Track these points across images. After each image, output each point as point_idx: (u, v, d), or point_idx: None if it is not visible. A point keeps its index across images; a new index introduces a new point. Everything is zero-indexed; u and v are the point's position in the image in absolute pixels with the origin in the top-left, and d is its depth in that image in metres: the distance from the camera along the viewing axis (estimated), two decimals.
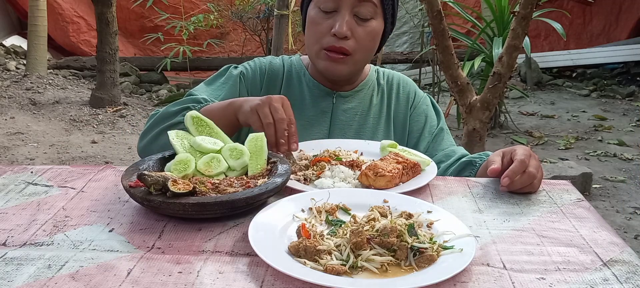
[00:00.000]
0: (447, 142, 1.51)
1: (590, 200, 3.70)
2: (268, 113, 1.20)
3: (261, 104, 1.21)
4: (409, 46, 7.89)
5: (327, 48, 1.40)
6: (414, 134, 1.53)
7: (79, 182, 1.13)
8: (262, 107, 1.20)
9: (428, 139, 1.51)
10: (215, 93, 1.44)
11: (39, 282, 0.77)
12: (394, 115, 1.54)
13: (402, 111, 1.55)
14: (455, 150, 1.47)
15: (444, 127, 1.54)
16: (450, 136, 1.55)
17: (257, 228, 0.89)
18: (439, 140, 1.50)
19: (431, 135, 1.51)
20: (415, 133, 1.53)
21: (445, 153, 1.46)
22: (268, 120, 1.19)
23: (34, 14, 5.93)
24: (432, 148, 1.49)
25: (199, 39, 7.12)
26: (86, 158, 4.28)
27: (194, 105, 1.32)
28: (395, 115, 1.54)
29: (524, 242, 0.92)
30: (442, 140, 1.51)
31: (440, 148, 1.48)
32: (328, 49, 1.40)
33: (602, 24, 8.03)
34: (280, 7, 4.12)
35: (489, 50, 4.63)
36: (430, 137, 1.51)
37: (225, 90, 1.45)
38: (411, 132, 1.53)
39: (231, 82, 1.47)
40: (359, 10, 1.38)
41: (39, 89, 5.70)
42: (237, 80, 1.47)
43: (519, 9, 2.47)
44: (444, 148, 1.48)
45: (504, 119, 5.52)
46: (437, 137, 1.51)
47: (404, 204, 1.01)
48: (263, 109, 1.20)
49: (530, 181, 1.11)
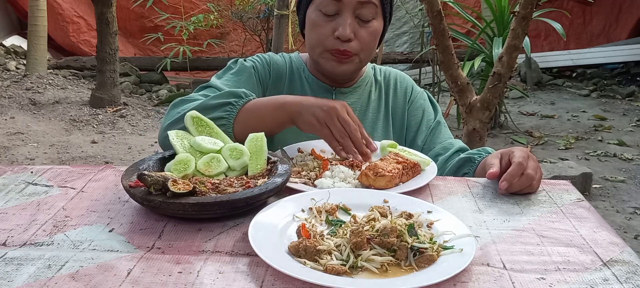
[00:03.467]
0: (444, 135, 1.53)
1: (590, 200, 3.70)
2: (340, 127, 1.20)
3: (329, 117, 1.20)
4: (409, 46, 7.89)
5: (330, 50, 1.40)
6: (412, 127, 1.54)
7: (79, 182, 1.13)
8: (332, 121, 1.19)
9: (425, 132, 1.52)
10: (236, 85, 1.41)
11: (39, 282, 0.77)
12: (392, 110, 1.56)
13: (400, 106, 1.56)
14: (453, 143, 1.48)
15: (441, 120, 1.55)
16: (448, 129, 1.56)
17: (257, 228, 0.89)
18: (436, 134, 1.52)
19: (428, 128, 1.53)
20: (413, 127, 1.54)
21: (443, 146, 1.47)
22: (343, 134, 1.19)
23: (34, 14, 5.93)
24: (429, 141, 1.51)
25: (199, 39, 7.12)
26: (86, 158, 4.28)
27: (237, 100, 1.27)
28: (393, 110, 1.56)
29: (524, 242, 0.92)
30: (440, 134, 1.52)
31: (438, 141, 1.50)
32: (332, 52, 1.40)
33: (602, 24, 8.03)
34: (280, 7, 4.12)
35: (489, 50, 4.63)
36: (428, 131, 1.52)
37: (244, 82, 1.43)
38: (409, 126, 1.55)
39: (247, 74, 1.46)
40: (361, 12, 1.39)
41: (39, 89, 5.70)
42: (252, 73, 1.47)
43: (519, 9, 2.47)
44: (441, 141, 1.50)
45: (504, 119, 5.52)
46: (435, 130, 1.53)
47: (404, 204, 1.01)
48: (334, 123, 1.19)
49: (529, 183, 1.11)
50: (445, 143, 1.48)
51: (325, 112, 1.20)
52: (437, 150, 1.46)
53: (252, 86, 1.44)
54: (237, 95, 1.28)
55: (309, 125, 1.22)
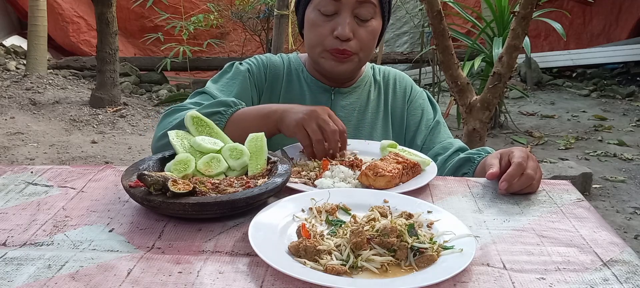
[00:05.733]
0: (444, 134, 1.53)
1: (590, 200, 3.70)
2: (316, 129, 1.21)
3: (307, 119, 1.22)
4: (409, 46, 7.89)
5: (330, 50, 1.41)
6: (411, 127, 1.54)
7: (79, 182, 1.13)
8: (310, 123, 1.21)
9: (425, 132, 1.52)
10: (228, 90, 1.44)
11: (39, 282, 0.77)
12: (391, 109, 1.56)
13: (399, 106, 1.56)
14: (453, 142, 1.48)
15: (440, 120, 1.55)
16: (447, 129, 1.56)
17: (257, 228, 0.89)
18: (435, 133, 1.52)
19: (428, 128, 1.53)
20: (412, 126, 1.54)
21: (442, 146, 1.47)
22: (317, 136, 1.21)
23: (34, 14, 5.93)
24: (429, 141, 1.51)
25: (199, 39, 7.12)
26: (86, 158, 4.28)
27: (226, 109, 1.31)
28: (392, 110, 1.56)
29: (524, 242, 0.92)
30: (439, 133, 1.52)
31: (437, 141, 1.50)
32: (331, 51, 1.41)
33: (602, 24, 8.03)
34: (280, 7, 4.12)
35: (489, 50, 4.63)
36: (427, 130, 1.52)
37: (237, 86, 1.45)
38: (408, 126, 1.55)
39: (241, 77, 1.47)
40: (360, 11, 1.39)
41: (39, 89, 5.70)
42: (247, 77, 1.48)
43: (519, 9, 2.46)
44: (440, 141, 1.50)
45: (504, 119, 5.52)
46: (434, 130, 1.53)
47: (404, 204, 1.01)
48: (311, 125, 1.21)
49: (529, 183, 1.11)
50: (445, 143, 1.49)
51: (306, 114, 1.22)
52: (437, 150, 1.46)
53: (246, 90, 1.45)
54: (226, 104, 1.32)
55: (290, 128, 1.24)
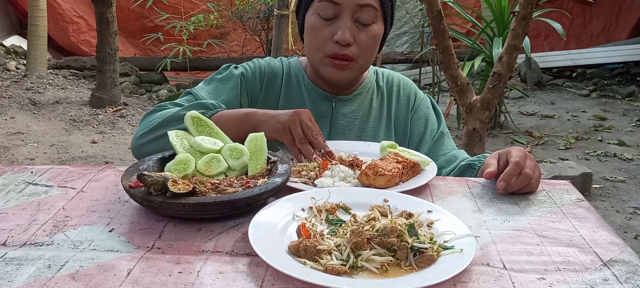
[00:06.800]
0: (448, 146, 1.50)
1: (590, 200, 3.70)
2: (300, 132, 1.23)
3: (292, 122, 1.23)
4: (409, 46, 7.89)
5: (330, 55, 1.38)
6: (415, 138, 1.52)
7: (79, 182, 1.13)
8: (295, 126, 1.23)
9: (429, 143, 1.50)
10: (216, 93, 1.43)
11: (39, 282, 0.77)
12: (394, 117, 1.53)
13: (402, 114, 1.53)
14: (457, 155, 1.46)
15: (444, 130, 1.53)
16: (451, 139, 1.54)
17: (257, 228, 0.89)
18: (439, 145, 1.50)
19: (432, 139, 1.50)
20: (416, 137, 1.52)
21: (446, 159, 1.45)
22: (303, 139, 1.22)
23: (34, 14, 5.93)
24: (433, 152, 1.48)
25: (199, 39, 7.12)
26: (86, 158, 4.28)
27: (204, 111, 1.29)
28: (396, 118, 1.53)
29: (524, 242, 0.92)
30: (443, 145, 1.50)
31: (441, 153, 1.48)
32: (331, 56, 1.38)
33: (602, 24, 8.03)
34: (280, 7, 4.12)
35: (489, 50, 4.63)
36: (431, 142, 1.50)
37: (226, 91, 1.43)
38: (412, 136, 1.52)
39: (232, 82, 1.45)
40: (360, 15, 1.36)
41: (39, 89, 5.70)
42: (238, 82, 1.45)
43: (519, 9, 2.47)
44: (445, 153, 1.48)
45: (504, 119, 5.52)
46: (438, 141, 1.50)
47: (404, 204, 1.01)
48: (296, 128, 1.23)
49: (527, 182, 1.11)
50: (449, 155, 1.46)
51: (290, 117, 1.23)
52: (441, 163, 1.43)
53: (235, 95, 1.44)
54: (205, 107, 1.32)
55: (274, 131, 1.25)
